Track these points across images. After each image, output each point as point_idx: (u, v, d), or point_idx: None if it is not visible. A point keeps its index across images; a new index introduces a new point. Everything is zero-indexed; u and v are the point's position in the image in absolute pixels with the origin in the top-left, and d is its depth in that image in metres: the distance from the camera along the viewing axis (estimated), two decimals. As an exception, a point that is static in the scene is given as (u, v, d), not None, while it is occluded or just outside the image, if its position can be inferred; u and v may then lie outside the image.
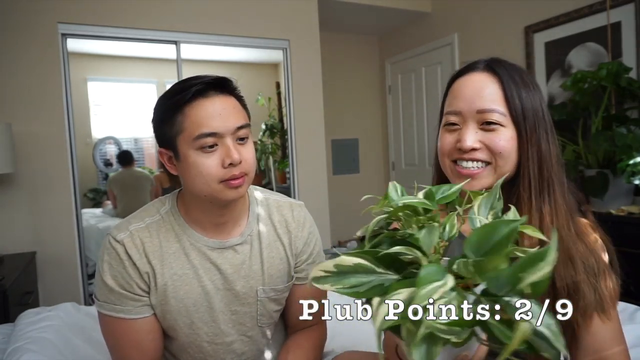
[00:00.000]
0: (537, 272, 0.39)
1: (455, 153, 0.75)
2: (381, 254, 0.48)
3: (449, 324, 0.39)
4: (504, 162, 0.73)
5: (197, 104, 0.80)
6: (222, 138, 0.81)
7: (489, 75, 0.74)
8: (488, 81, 0.74)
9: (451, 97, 0.78)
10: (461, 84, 0.76)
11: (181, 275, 0.87)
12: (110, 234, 0.86)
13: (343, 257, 0.47)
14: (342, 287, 0.46)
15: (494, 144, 0.72)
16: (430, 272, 0.42)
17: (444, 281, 0.41)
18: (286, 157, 3.26)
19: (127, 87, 3.13)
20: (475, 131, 0.73)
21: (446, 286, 0.41)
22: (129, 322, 0.85)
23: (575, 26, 2.64)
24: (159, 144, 0.87)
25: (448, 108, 0.77)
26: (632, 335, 1.24)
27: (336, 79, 4.14)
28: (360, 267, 0.47)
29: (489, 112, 0.72)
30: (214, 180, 0.81)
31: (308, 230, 1.00)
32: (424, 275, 0.41)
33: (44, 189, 2.40)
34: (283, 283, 0.96)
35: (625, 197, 2.26)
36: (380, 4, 3.46)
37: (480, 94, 0.73)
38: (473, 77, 0.75)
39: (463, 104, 0.74)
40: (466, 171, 0.74)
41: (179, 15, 2.76)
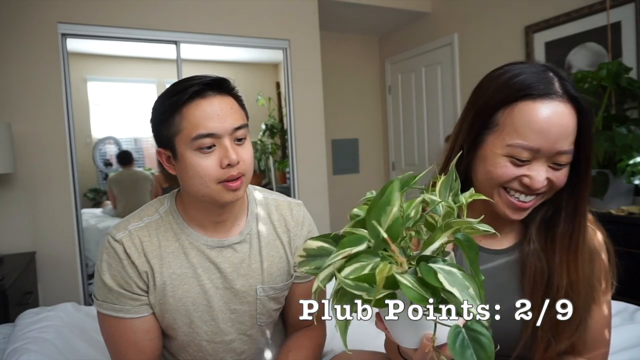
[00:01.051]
0: (388, 216, 0.44)
1: (516, 186, 0.69)
2: (332, 235, 0.53)
3: (355, 279, 0.44)
4: (550, 195, 0.72)
5: (194, 105, 0.80)
6: (220, 139, 0.81)
7: (571, 108, 0.67)
8: (572, 117, 0.67)
9: (524, 126, 0.66)
10: (545, 117, 0.65)
11: (180, 275, 0.87)
12: (109, 234, 0.87)
13: (309, 242, 0.53)
14: (309, 267, 0.51)
15: (560, 180, 0.69)
16: (349, 240, 0.47)
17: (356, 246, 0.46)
18: (286, 157, 3.26)
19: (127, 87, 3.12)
20: (545, 169, 0.68)
21: (354, 250, 0.46)
22: (127, 322, 0.85)
23: (575, 26, 2.64)
24: (158, 144, 0.87)
25: (519, 140, 0.66)
26: (632, 335, 1.24)
27: (336, 79, 4.14)
28: (323, 249, 0.52)
29: (566, 155, 0.67)
30: (211, 181, 0.81)
31: (307, 229, 1.01)
32: (341, 243, 0.47)
33: (43, 189, 2.40)
34: (282, 282, 0.96)
35: (625, 197, 2.26)
36: (380, 4, 3.46)
37: (565, 134, 0.66)
38: (558, 109, 0.65)
39: (544, 143, 0.65)
40: (524, 205, 0.70)
41: (179, 15, 2.76)
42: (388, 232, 0.44)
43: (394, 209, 0.44)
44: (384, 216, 0.44)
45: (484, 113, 0.70)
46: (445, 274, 0.44)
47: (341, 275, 0.44)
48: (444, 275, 0.43)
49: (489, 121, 0.70)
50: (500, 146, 0.68)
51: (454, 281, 0.43)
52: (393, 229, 0.44)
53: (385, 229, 0.44)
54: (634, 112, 2.35)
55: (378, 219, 0.45)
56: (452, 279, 0.43)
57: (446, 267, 0.45)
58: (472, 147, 0.73)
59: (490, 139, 0.70)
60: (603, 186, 2.16)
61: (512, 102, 0.67)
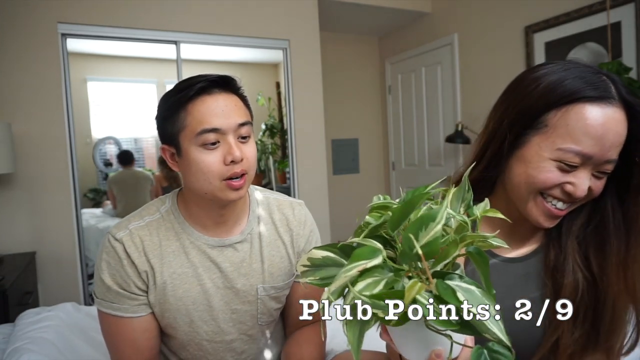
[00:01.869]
0: (429, 232, 0.41)
1: (557, 193, 0.65)
2: (340, 245, 0.51)
3: (372, 296, 0.41)
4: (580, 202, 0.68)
5: (200, 101, 0.81)
6: (224, 135, 0.81)
7: (624, 115, 0.63)
8: (625, 125, 0.63)
9: (579, 130, 0.62)
10: (602, 122, 0.61)
11: (180, 274, 0.87)
12: (109, 233, 0.87)
13: (313, 251, 0.50)
14: (314, 278, 0.49)
15: (598, 190, 0.66)
16: (363, 252, 0.44)
17: (370, 260, 0.43)
18: (286, 157, 3.26)
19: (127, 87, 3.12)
20: (590, 177, 0.64)
21: (370, 263, 0.43)
22: (125, 321, 0.86)
23: (575, 26, 2.64)
24: (162, 140, 0.87)
25: (572, 145, 0.62)
26: (632, 335, 1.24)
27: (336, 79, 4.14)
28: (329, 259, 0.50)
29: (612, 164, 0.64)
30: (215, 178, 0.81)
31: (310, 228, 1.01)
32: (354, 255, 0.44)
33: (44, 189, 2.40)
34: (283, 281, 0.96)
35: (625, 197, 2.26)
36: (380, 4, 3.46)
37: (618, 142, 0.63)
38: (615, 116, 0.62)
39: (597, 150, 0.62)
40: (557, 212, 0.66)
41: (179, 15, 2.76)
42: (425, 248, 0.41)
43: (437, 227, 0.41)
44: (423, 232, 0.41)
45: (531, 112, 0.66)
46: (463, 292, 0.42)
47: (356, 290, 0.41)
48: (462, 293, 0.42)
49: (537, 122, 0.66)
50: (548, 149, 0.64)
51: (473, 299, 0.41)
52: (431, 247, 0.41)
53: (422, 245, 0.41)
54: (634, 112, 2.35)
55: (416, 233, 0.42)
56: (471, 297, 0.41)
57: (463, 284, 0.43)
58: (511, 147, 0.69)
59: (536, 140, 0.66)
60: (603, 186, 2.16)
61: (567, 104, 0.63)
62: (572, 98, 0.63)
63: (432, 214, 0.42)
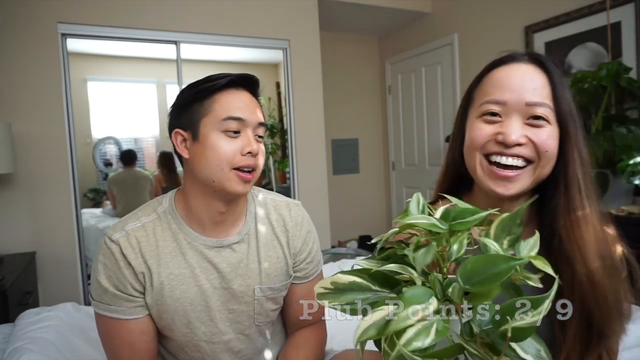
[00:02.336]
0: (525, 319, 0.38)
1: (493, 147, 0.68)
2: (373, 271, 0.48)
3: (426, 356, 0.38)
4: (546, 162, 0.67)
5: (227, 93, 0.87)
6: (246, 128, 0.86)
7: (536, 67, 0.69)
8: (538, 74, 0.68)
9: (491, 85, 0.70)
10: (505, 73, 0.69)
11: (177, 275, 0.87)
12: (106, 234, 0.86)
13: (339, 275, 0.48)
14: (338, 303, 0.47)
15: (542, 140, 0.66)
16: (415, 294, 0.41)
17: (426, 304, 0.41)
18: (286, 157, 3.26)
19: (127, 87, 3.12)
20: (521, 125, 0.67)
21: (427, 310, 0.40)
22: (122, 322, 0.85)
23: (575, 26, 2.64)
24: (176, 125, 0.89)
25: (487, 97, 0.69)
26: (632, 335, 1.25)
27: (336, 79, 4.14)
28: (355, 284, 0.48)
29: (539, 106, 0.66)
30: (227, 165, 0.83)
31: (306, 229, 1.01)
32: (407, 297, 0.41)
33: (44, 189, 2.40)
34: (280, 282, 0.96)
35: (625, 197, 2.26)
36: (380, 4, 3.46)
37: (531, 85, 0.67)
38: (520, 67, 0.69)
39: (509, 94, 0.67)
40: (504, 173, 0.67)
41: (179, 15, 2.76)
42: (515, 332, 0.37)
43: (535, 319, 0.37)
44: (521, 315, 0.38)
45: (467, 96, 0.76)
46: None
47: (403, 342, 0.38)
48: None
49: (470, 99, 0.75)
50: (475, 112, 0.72)
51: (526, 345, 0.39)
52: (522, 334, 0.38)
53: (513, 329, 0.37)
54: (633, 112, 2.35)
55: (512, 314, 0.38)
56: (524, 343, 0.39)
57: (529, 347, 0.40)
58: (460, 131, 0.76)
59: (470, 112, 0.74)
60: (603, 186, 2.16)
61: (484, 77, 0.73)
62: (487, 70, 0.73)
63: (538, 301, 0.38)
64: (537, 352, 0.39)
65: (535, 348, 0.39)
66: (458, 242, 0.48)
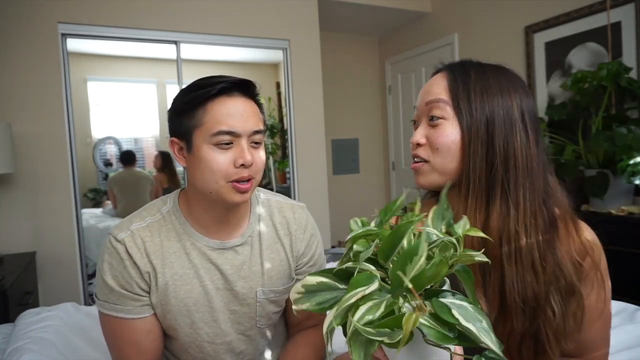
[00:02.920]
0: (414, 266, 0.43)
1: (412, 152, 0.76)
2: (335, 270, 0.52)
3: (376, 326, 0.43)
4: (441, 160, 0.70)
5: (220, 101, 0.82)
6: (239, 138, 0.82)
7: (445, 73, 0.74)
8: (441, 77, 0.73)
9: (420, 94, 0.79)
10: (424, 85, 0.77)
11: (182, 275, 0.87)
12: (111, 234, 0.86)
13: (308, 278, 0.52)
14: (310, 304, 0.50)
15: (434, 139, 0.71)
16: (359, 279, 0.46)
17: (368, 285, 0.45)
18: (286, 157, 3.26)
19: (127, 87, 3.12)
20: (425, 126, 0.73)
21: (368, 289, 0.45)
22: (128, 322, 0.85)
23: (575, 26, 2.64)
24: (172, 133, 0.87)
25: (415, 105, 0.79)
26: (632, 335, 1.24)
27: (336, 79, 4.14)
28: (324, 284, 0.51)
29: (433, 103, 0.71)
30: (222, 178, 0.81)
31: (310, 232, 1.00)
32: (351, 283, 0.46)
33: (44, 189, 2.40)
34: (283, 285, 0.96)
35: (625, 197, 2.26)
36: (380, 4, 3.46)
37: (431, 88, 0.73)
38: (432, 78, 0.76)
39: (419, 101, 0.75)
40: (413, 166, 0.75)
41: (179, 15, 2.76)
42: (414, 281, 0.43)
43: (421, 261, 0.44)
44: (409, 266, 0.44)
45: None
46: (457, 309, 0.44)
47: (356, 318, 0.43)
48: (457, 311, 0.44)
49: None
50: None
51: (467, 315, 0.44)
52: (419, 279, 0.44)
53: (411, 279, 0.44)
54: (634, 112, 2.35)
55: (403, 269, 0.44)
56: (465, 313, 0.44)
57: (457, 301, 0.45)
58: None
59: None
60: (603, 186, 2.16)
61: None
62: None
63: (414, 248, 0.44)
64: (480, 324, 0.43)
65: (478, 320, 0.44)
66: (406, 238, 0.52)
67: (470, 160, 0.68)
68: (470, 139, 0.68)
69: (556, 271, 0.66)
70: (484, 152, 0.67)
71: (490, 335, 0.43)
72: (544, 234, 0.67)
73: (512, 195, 0.67)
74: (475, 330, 0.43)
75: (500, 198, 0.67)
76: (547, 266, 0.66)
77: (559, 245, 0.68)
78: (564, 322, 0.66)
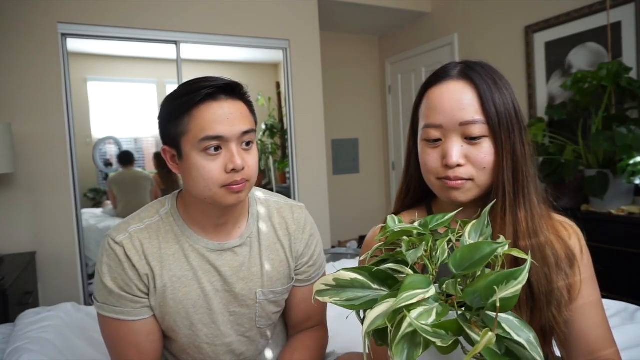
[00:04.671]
0: (509, 288, 0.42)
1: (442, 172, 0.72)
2: (374, 270, 0.51)
3: (434, 326, 0.42)
4: (486, 177, 0.71)
5: (205, 107, 0.80)
6: (227, 142, 0.81)
7: (465, 83, 0.71)
8: (466, 90, 0.71)
9: (427, 108, 0.74)
10: (437, 95, 0.72)
11: (180, 277, 0.87)
12: (109, 236, 0.86)
13: (341, 272, 0.51)
14: (339, 299, 0.50)
15: (480, 159, 0.70)
16: (415, 281, 0.45)
17: (427, 289, 0.45)
18: (286, 157, 3.26)
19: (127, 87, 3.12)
20: (461, 145, 0.70)
21: (428, 294, 0.44)
22: (128, 324, 0.85)
23: (575, 26, 2.64)
24: (163, 141, 0.86)
25: (427, 121, 0.73)
26: (632, 335, 1.25)
27: (336, 79, 4.14)
28: (357, 282, 0.51)
29: (472, 124, 0.69)
30: (215, 185, 0.80)
31: (309, 232, 1.00)
32: (408, 283, 0.45)
33: (44, 189, 2.40)
34: (282, 285, 0.96)
35: (625, 197, 2.26)
36: (380, 4, 3.46)
37: (460, 105, 0.70)
38: (450, 87, 0.72)
39: (443, 117, 0.71)
40: (452, 184, 0.71)
41: (179, 15, 2.76)
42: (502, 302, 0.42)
43: (518, 287, 0.42)
44: (504, 287, 0.43)
45: (413, 116, 0.80)
46: (506, 322, 0.43)
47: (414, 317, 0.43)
48: (507, 324, 0.43)
49: (415, 120, 0.79)
50: (421, 135, 0.75)
51: (515, 328, 0.43)
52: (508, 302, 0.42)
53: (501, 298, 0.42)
54: (634, 112, 2.35)
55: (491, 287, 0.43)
56: (513, 326, 0.43)
57: (504, 315, 0.44)
58: (414, 148, 0.80)
59: (418, 131, 0.77)
60: (603, 186, 2.16)
61: (422, 96, 0.76)
62: (424, 90, 0.76)
63: (516, 273, 0.43)
64: (528, 338, 0.43)
65: (526, 334, 0.43)
66: (441, 248, 0.53)
67: (503, 173, 0.70)
68: (504, 155, 0.70)
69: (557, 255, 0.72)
70: (511, 163, 0.70)
71: (538, 349, 0.42)
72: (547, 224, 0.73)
73: (529, 196, 0.72)
74: (526, 344, 0.42)
75: (522, 203, 0.71)
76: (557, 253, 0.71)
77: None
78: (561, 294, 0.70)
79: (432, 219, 0.59)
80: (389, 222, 0.59)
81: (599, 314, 0.74)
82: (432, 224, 0.58)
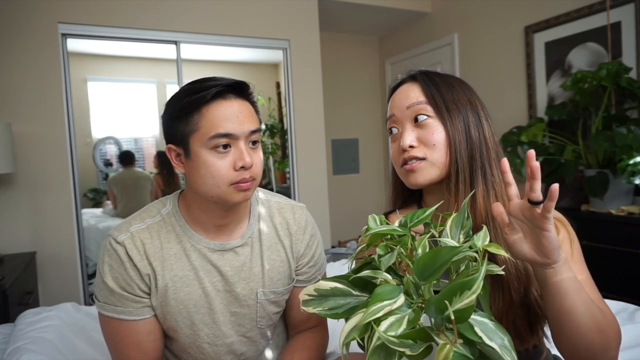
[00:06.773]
0: (463, 299, 0.41)
1: (401, 157, 0.79)
2: (351, 277, 0.51)
3: (399, 337, 0.42)
4: (437, 155, 0.76)
5: (215, 105, 0.81)
6: (237, 141, 0.81)
7: (413, 82, 0.83)
8: (413, 85, 0.82)
9: (389, 108, 0.85)
10: (394, 96, 0.84)
11: (182, 277, 0.87)
12: (110, 235, 0.86)
13: (321, 282, 0.51)
14: (322, 309, 0.50)
15: (428, 137, 0.77)
16: (384, 292, 0.45)
17: (395, 300, 0.44)
18: (286, 157, 3.26)
19: (127, 87, 3.12)
20: (412, 129, 0.79)
21: (395, 304, 0.44)
22: (129, 323, 0.85)
23: (575, 26, 2.64)
24: (168, 140, 0.87)
25: (387, 116, 0.84)
26: (632, 335, 1.25)
27: (336, 79, 4.14)
28: (337, 290, 0.51)
29: (416, 105, 0.78)
30: (224, 183, 0.81)
31: (310, 233, 1.00)
32: (376, 294, 0.45)
33: (44, 189, 2.40)
34: (283, 285, 0.96)
35: (625, 197, 2.26)
36: (380, 4, 3.46)
37: (407, 95, 0.81)
38: (402, 87, 0.83)
39: (396, 110, 0.81)
40: (407, 167, 0.78)
41: (179, 15, 2.76)
42: (457, 314, 0.41)
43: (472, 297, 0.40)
44: (458, 298, 0.41)
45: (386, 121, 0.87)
46: (479, 325, 0.43)
47: (381, 331, 0.42)
48: (479, 327, 0.42)
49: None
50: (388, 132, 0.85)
51: (488, 331, 0.42)
52: (463, 314, 0.41)
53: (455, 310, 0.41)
54: (634, 112, 2.35)
55: (450, 298, 0.42)
56: (486, 329, 0.43)
57: (478, 317, 0.44)
58: None
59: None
60: (603, 186, 2.16)
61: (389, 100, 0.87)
62: (390, 94, 0.87)
63: (469, 282, 0.42)
64: (501, 342, 0.42)
65: (500, 337, 0.43)
66: (421, 246, 0.52)
67: (456, 152, 0.76)
68: (454, 133, 0.76)
69: None
70: (465, 143, 0.76)
71: (512, 353, 0.42)
72: None
73: (489, 175, 0.76)
74: (498, 348, 0.42)
75: (481, 180, 0.76)
76: None
77: None
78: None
79: (412, 217, 0.59)
80: (370, 222, 0.59)
81: (592, 290, 0.73)
82: (412, 222, 0.58)
